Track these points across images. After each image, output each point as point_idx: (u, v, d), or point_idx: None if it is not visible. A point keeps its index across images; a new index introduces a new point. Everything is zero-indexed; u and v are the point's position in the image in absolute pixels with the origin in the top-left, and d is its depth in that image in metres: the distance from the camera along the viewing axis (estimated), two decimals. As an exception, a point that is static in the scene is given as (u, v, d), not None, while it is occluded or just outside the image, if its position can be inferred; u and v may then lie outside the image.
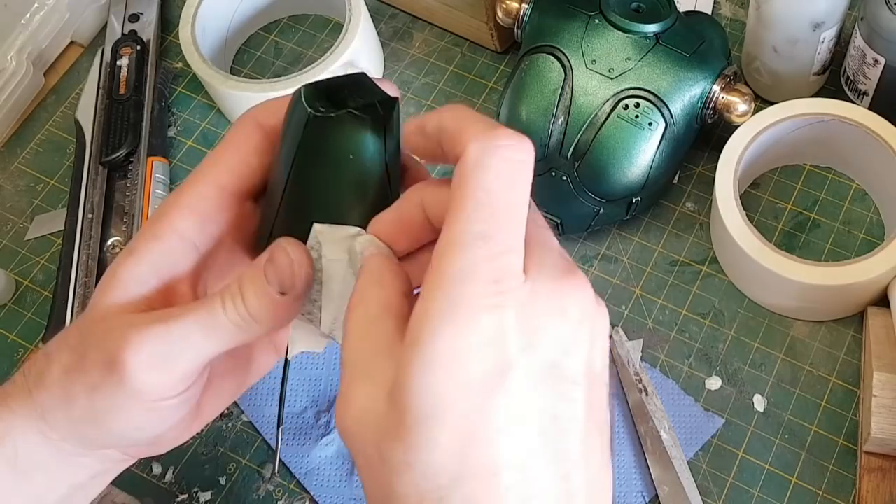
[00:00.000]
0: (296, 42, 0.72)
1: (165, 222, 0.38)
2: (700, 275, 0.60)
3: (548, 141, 0.56)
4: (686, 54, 0.56)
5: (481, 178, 0.30)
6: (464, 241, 0.30)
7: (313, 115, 0.35)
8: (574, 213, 0.59)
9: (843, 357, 0.57)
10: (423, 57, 0.71)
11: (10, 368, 0.61)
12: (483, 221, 0.30)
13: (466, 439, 0.28)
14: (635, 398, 0.55)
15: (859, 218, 0.61)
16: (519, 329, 0.29)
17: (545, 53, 0.57)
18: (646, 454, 0.54)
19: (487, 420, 0.28)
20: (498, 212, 0.30)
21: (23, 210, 0.67)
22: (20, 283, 0.64)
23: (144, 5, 0.73)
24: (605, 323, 0.33)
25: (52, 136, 0.70)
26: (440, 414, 0.28)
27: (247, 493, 0.56)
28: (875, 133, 0.57)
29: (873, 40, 0.57)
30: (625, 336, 0.58)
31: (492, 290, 0.29)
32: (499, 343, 0.29)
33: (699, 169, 0.64)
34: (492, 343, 0.29)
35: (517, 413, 0.29)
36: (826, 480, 0.54)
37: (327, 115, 0.36)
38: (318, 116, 0.35)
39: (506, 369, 0.29)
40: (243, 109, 0.70)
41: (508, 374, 0.29)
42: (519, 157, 0.31)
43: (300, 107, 0.36)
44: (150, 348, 0.36)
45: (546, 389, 0.29)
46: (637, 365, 0.56)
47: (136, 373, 0.36)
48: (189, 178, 0.39)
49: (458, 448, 0.28)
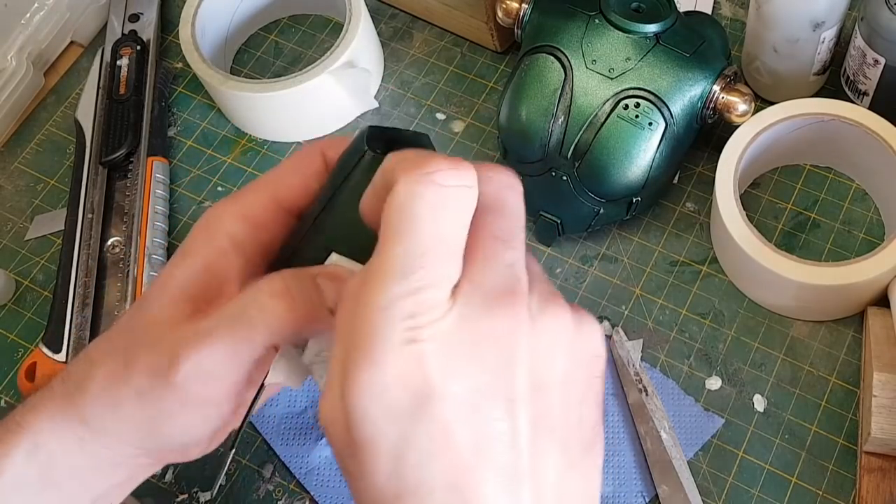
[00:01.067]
0: (296, 42, 0.72)
1: (219, 226, 0.39)
2: (700, 275, 0.60)
3: (548, 141, 0.57)
4: (686, 54, 0.56)
5: (404, 209, 0.31)
6: (382, 277, 0.30)
7: (368, 153, 0.37)
8: (574, 213, 0.59)
9: (843, 357, 0.57)
10: (423, 57, 0.71)
11: (11, 368, 0.61)
12: (402, 257, 0.30)
13: (399, 462, 0.30)
14: (635, 398, 0.55)
15: (859, 218, 0.61)
16: (440, 358, 0.30)
17: (545, 53, 0.57)
18: (646, 454, 0.54)
19: (414, 445, 0.30)
20: (420, 245, 0.31)
21: (23, 210, 0.67)
22: (20, 283, 0.64)
23: (144, 5, 0.73)
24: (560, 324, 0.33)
25: (52, 136, 0.70)
26: (374, 440, 0.30)
27: (247, 493, 0.56)
28: (875, 133, 0.57)
29: (873, 40, 0.57)
30: (625, 336, 0.58)
31: (408, 325, 0.30)
32: (417, 374, 0.30)
33: (699, 169, 0.64)
34: (411, 375, 0.30)
35: (443, 437, 0.30)
36: (826, 480, 0.54)
37: (378, 156, 0.37)
38: (372, 155, 0.37)
39: (426, 398, 0.30)
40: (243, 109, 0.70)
41: (429, 402, 0.30)
42: (452, 182, 0.31)
43: (359, 143, 0.38)
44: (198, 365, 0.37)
45: (472, 413, 0.30)
46: (637, 365, 0.56)
47: (188, 384, 0.37)
48: (247, 187, 0.40)
49: (392, 470, 0.30)
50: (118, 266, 0.62)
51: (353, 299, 0.31)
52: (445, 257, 0.31)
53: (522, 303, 0.31)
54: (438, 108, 0.68)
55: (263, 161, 0.67)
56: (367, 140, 0.38)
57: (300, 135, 0.67)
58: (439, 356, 0.30)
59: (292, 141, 0.68)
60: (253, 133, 0.68)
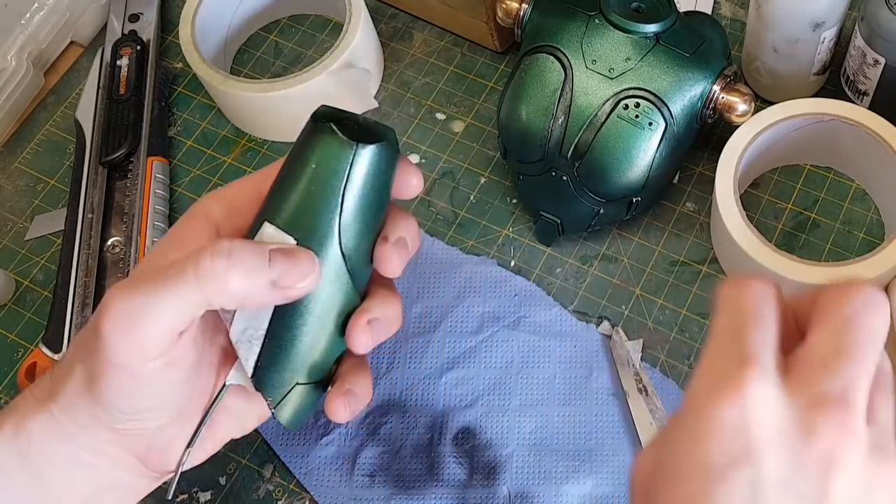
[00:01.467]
0: (296, 42, 0.72)
1: (200, 207, 0.43)
2: (700, 275, 0.60)
3: (548, 141, 0.57)
4: (686, 54, 0.56)
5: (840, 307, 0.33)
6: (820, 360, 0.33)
7: (309, 122, 0.41)
8: (574, 213, 0.59)
9: (843, 357, 0.57)
10: (423, 57, 0.71)
11: (11, 368, 0.61)
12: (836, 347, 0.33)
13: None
14: (635, 398, 0.55)
15: (859, 218, 0.61)
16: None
17: (545, 53, 0.57)
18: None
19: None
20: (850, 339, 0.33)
21: (23, 210, 0.67)
22: (20, 283, 0.64)
23: (144, 5, 0.73)
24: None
25: (52, 136, 0.70)
26: (677, 483, 0.32)
27: (247, 493, 0.56)
28: (875, 133, 0.57)
29: (873, 40, 0.57)
30: (625, 336, 0.58)
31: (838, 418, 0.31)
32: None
33: (699, 169, 0.64)
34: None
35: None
36: (826, 480, 0.54)
37: (314, 123, 0.41)
38: (312, 124, 0.41)
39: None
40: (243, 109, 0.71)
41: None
42: (873, 300, 0.34)
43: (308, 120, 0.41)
44: (118, 312, 0.38)
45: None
46: (637, 365, 0.56)
47: (109, 335, 0.38)
48: (235, 180, 0.45)
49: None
50: (118, 266, 0.62)
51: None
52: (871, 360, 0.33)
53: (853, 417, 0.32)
54: (438, 108, 0.68)
55: (263, 161, 0.67)
56: (316, 115, 0.41)
57: (300, 135, 0.67)
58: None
59: (292, 141, 0.67)
60: (253, 133, 0.68)
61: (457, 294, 0.60)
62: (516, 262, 0.62)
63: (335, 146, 0.40)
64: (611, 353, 0.57)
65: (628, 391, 0.56)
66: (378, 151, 0.41)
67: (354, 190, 0.40)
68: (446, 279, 0.61)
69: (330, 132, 0.40)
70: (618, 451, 0.55)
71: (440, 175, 0.65)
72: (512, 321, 0.59)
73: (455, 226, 0.63)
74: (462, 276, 0.61)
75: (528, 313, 0.59)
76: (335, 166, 0.40)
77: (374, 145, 0.40)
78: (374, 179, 0.41)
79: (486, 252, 0.62)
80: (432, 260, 0.61)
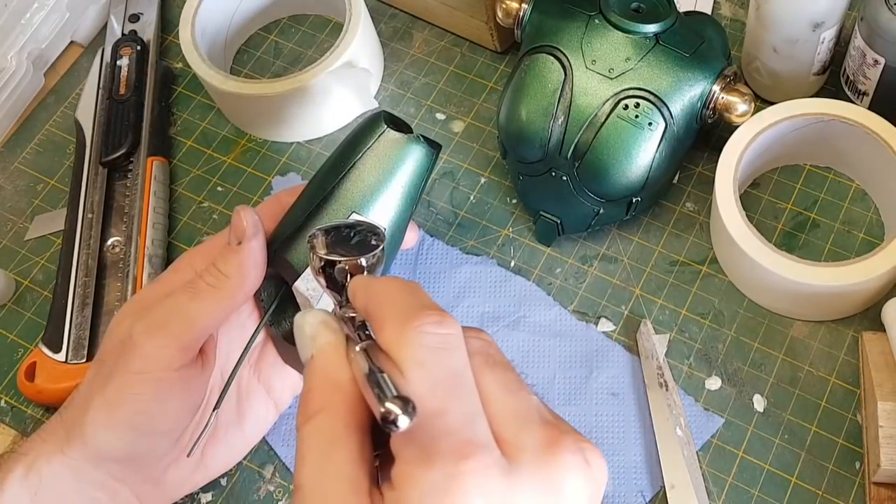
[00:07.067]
0: (296, 42, 0.72)
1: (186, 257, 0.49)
2: (700, 275, 0.60)
3: (548, 141, 0.57)
4: (686, 54, 0.56)
5: (411, 354, 0.32)
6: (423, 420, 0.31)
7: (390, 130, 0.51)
8: (574, 213, 0.59)
9: (843, 357, 0.57)
10: (423, 57, 0.71)
11: (10, 368, 0.61)
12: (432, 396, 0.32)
13: None
14: (655, 392, 0.55)
15: (859, 218, 0.61)
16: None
17: (545, 53, 0.57)
18: (658, 449, 0.54)
19: None
20: (440, 382, 0.32)
21: (23, 210, 0.67)
22: (20, 283, 0.64)
23: (144, 5, 0.73)
24: (603, 474, 0.34)
25: (52, 136, 0.70)
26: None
27: (247, 493, 0.56)
28: (875, 133, 0.57)
29: (873, 40, 0.57)
30: (652, 329, 0.58)
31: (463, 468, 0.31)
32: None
33: (699, 169, 0.64)
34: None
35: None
36: (826, 480, 0.54)
37: (401, 134, 0.51)
38: (390, 131, 0.51)
39: None
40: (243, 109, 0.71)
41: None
42: (444, 330, 0.33)
43: (374, 123, 0.52)
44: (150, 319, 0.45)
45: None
46: (661, 359, 0.56)
47: (141, 338, 0.44)
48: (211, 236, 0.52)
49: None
50: (118, 266, 0.62)
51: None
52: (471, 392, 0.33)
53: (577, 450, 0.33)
54: (438, 108, 0.68)
55: (263, 161, 0.67)
56: (385, 119, 0.51)
57: (300, 135, 0.67)
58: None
59: (292, 141, 0.68)
60: (253, 133, 0.68)
61: (457, 294, 0.60)
62: (516, 262, 0.62)
63: (425, 154, 0.51)
64: (636, 343, 0.57)
65: (649, 383, 0.56)
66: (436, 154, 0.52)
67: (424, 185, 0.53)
68: (446, 279, 0.61)
69: (416, 140, 0.51)
70: (618, 450, 0.55)
71: (440, 175, 0.65)
72: (512, 321, 0.59)
73: (455, 226, 0.63)
74: (462, 276, 0.61)
75: (527, 313, 0.59)
76: (422, 171, 0.52)
77: (434, 150, 0.52)
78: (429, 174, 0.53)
79: (486, 252, 0.62)
80: (432, 260, 0.61)
